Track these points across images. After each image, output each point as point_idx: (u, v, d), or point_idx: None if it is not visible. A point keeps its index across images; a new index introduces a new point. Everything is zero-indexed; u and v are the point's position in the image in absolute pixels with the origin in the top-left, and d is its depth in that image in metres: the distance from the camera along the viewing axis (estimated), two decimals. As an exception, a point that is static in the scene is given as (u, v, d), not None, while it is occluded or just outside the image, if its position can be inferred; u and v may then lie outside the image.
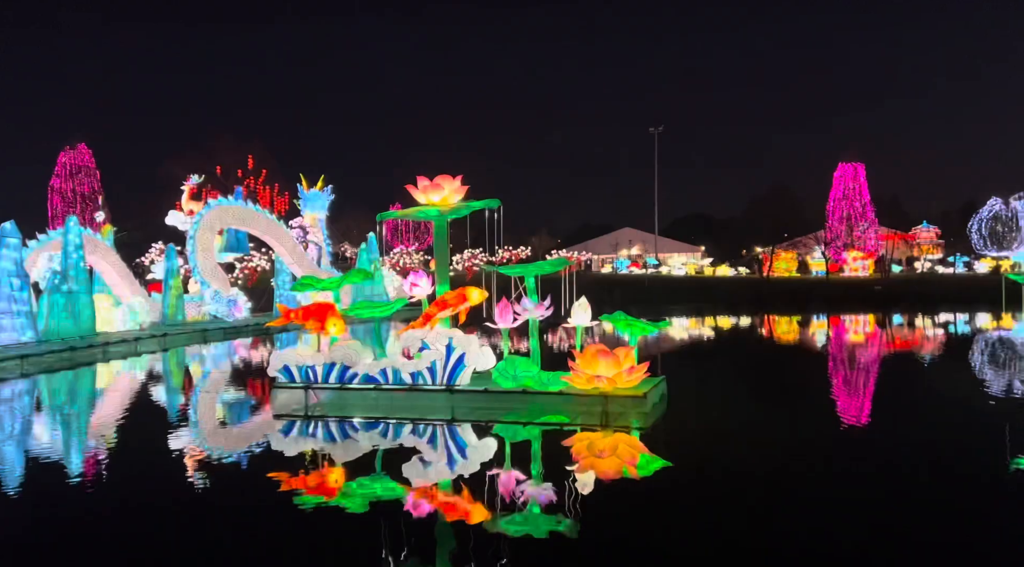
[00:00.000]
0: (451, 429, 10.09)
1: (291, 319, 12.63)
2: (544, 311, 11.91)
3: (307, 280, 13.49)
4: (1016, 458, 7.94)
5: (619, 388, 10.42)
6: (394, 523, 6.10)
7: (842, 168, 63.52)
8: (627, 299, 43.18)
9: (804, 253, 64.61)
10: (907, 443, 9.13)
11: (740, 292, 51.81)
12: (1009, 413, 11.01)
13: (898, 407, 12.08)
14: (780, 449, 8.83)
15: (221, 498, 7.17)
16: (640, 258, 68.98)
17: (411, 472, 7.76)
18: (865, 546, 5.56)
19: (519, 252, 57.61)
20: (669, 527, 6.08)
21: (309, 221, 38.29)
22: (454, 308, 11.65)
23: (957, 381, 14.62)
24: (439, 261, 13.34)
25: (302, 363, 11.94)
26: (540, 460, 8.35)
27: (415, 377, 11.46)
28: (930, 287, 50.17)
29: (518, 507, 6.53)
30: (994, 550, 5.47)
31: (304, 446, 9.40)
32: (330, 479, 7.77)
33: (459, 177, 12.69)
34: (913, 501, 6.62)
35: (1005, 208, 59.36)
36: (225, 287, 30.65)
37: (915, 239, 68.88)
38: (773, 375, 17.00)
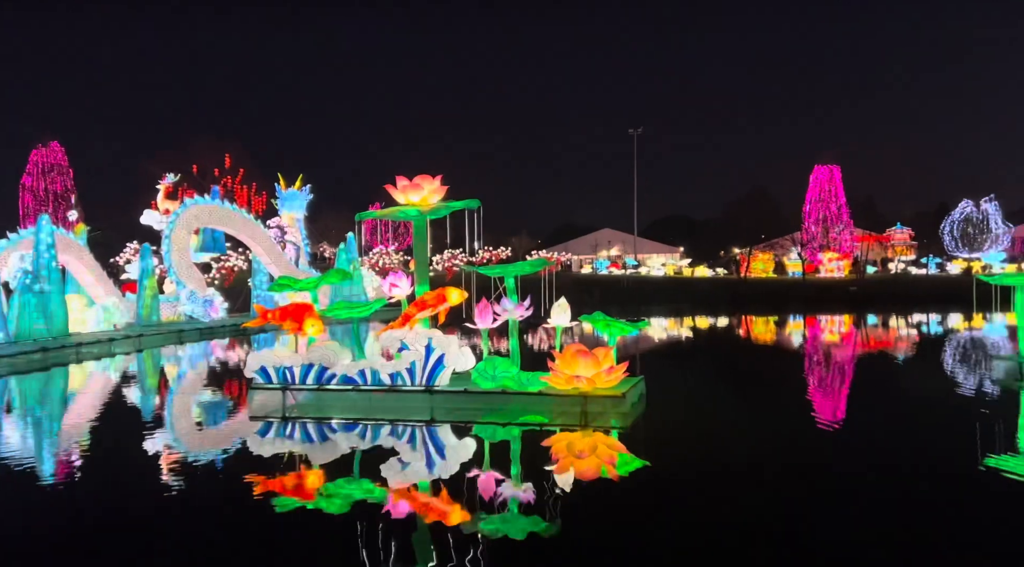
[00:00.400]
0: (430, 430, 10.06)
1: (268, 320, 12.51)
2: (524, 311, 11.92)
3: (285, 280, 13.37)
4: (986, 457, 8.08)
5: (598, 388, 10.46)
6: (373, 525, 6.06)
7: (818, 170, 64.31)
8: (607, 299, 43.37)
9: (781, 254, 65.29)
10: (881, 441, 9.26)
11: (718, 293, 52.25)
12: (978, 411, 11.22)
13: (872, 406, 12.24)
14: (757, 448, 8.91)
15: (197, 501, 7.08)
16: (620, 258, 69.26)
17: (390, 473, 7.72)
18: (841, 543, 5.63)
19: (499, 252, 57.61)
20: (648, 526, 6.11)
21: (287, 221, 37.99)
22: (433, 309, 11.62)
23: (929, 380, 14.87)
24: (418, 261, 13.31)
25: (279, 364, 11.83)
26: (519, 460, 8.35)
27: (394, 378, 11.41)
28: (904, 288, 50.95)
29: (497, 508, 6.52)
30: (964, 546, 5.57)
31: (282, 448, 9.31)
32: (308, 481, 7.71)
33: (439, 177, 12.66)
34: (887, 498, 6.71)
35: (976, 210, 60.54)
36: (201, 287, 30.31)
37: (889, 240, 69.88)
38: (750, 375, 17.16)
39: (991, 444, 8.84)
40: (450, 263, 52.37)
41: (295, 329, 11.94)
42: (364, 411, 11.07)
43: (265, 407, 11.56)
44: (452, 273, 49.66)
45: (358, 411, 11.09)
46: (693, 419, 10.72)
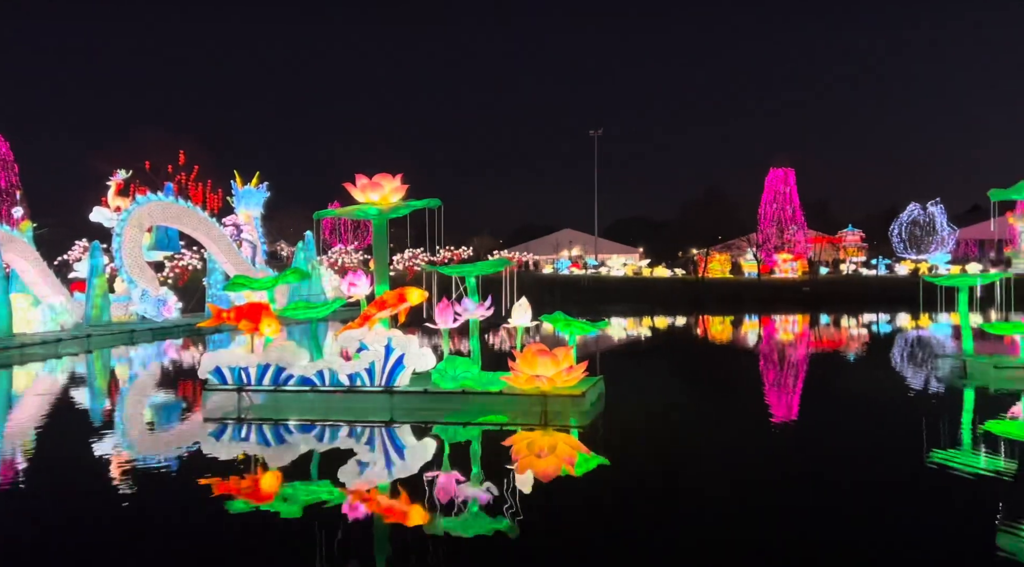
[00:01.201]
0: (389, 431, 9.98)
1: (224, 320, 12.26)
2: (485, 311, 11.92)
3: (240, 279, 13.13)
4: (932, 451, 8.35)
5: (558, 387, 10.51)
6: (331, 527, 5.99)
7: (773, 173, 65.68)
8: (567, 299, 43.60)
9: (737, 255, 66.50)
10: (832, 438, 9.51)
11: (676, 293, 52.99)
12: (925, 408, 11.60)
13: (824, 404, 12.56)
14: (713, 446, 9.07)
15: (149, 505, 6.90)
16: (580, 259, 69.73)
17: (348, 475, 7.64)
18: (796, 538, 5.76)
19: (460, 252, 57.47)
20: (606, 524, 6.16)
21: (243, 219, 37.28)
22: (393, 308, 11.54)
23: (879, 378, 15.32)
24: (378, 261, 13.20)
25: (235, 365, 11.61)
26: (479, 460, 8.34)
27: (353, 378, 11.30)
28: (855, 288, 52.38)
29: (457, 508, 6.50)
30: (912, 539, 5.75)
31: (237, 450, 9.15)
32: (264, 483, 7.58)
33: (399, 176, 12.58)
34: (839, 493, 6.89)
35: (923, 213, 62.56)
36: (154, 286, 29.56)
37: (841, 242, 71.73)
38: (707, 374, 17.45)
39: (936, 440, 9.15)
40: (411, 263, 52.07)
41: (251, 329, 11.73)
42: (322, 412, 10.93)
43: (220, 409, 11.33)
44: (413, 273, 49.38)
45: (316, 412, 10.95)
46: (650, 418, 10.85)
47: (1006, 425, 9.83)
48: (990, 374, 13.30)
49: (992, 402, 11.81)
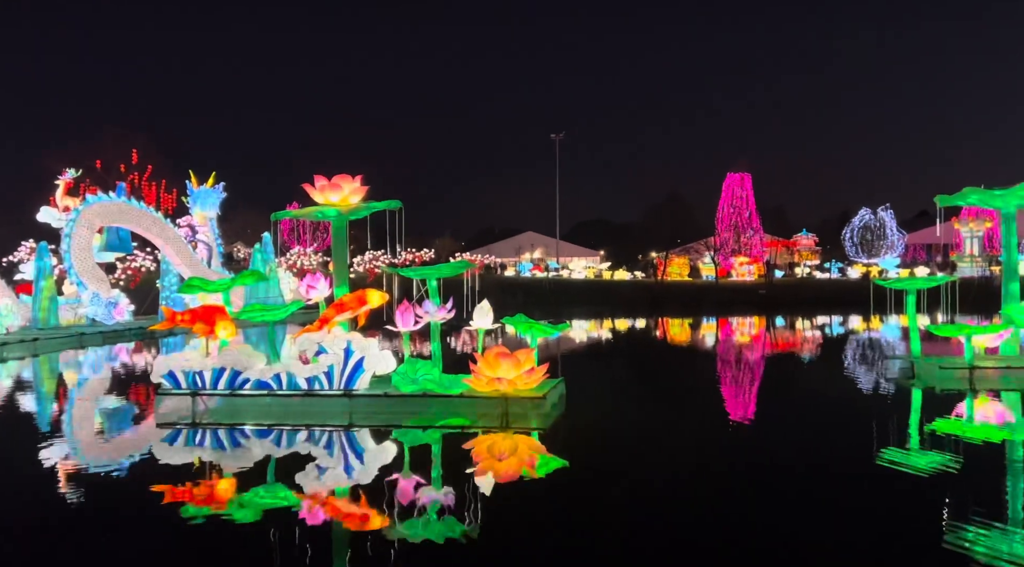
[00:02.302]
0: (348, 435, 9.87)
1: (177, 322, 11.99)
2: (446, 314, 11.88)
3: (195, 281, 12.86)
4: (881, 450, 8.59)
5: (519, 390, 10.52)
6: (288, 533, 5.89)
7: (730, 178, 66.88)
8: (529, 302, 43.71)
9: (695, 258, 67.52)
10: (787, 437, 9.71)
11: (637, 295, 53.54)
12: (875, 407, 11.93)
13: (779, 404, 12.83)
14: (673, 447, 9.18)
15: (99, 513, 6.70)
16: (542, 262, 69.99)
17: (306, 480, 7.53)
18: (755, 537, 5.87)
19: (422, 254, 57.17)
20: (567, 526, 6.18)
21: (199, 220, 36.51)
22: (353, 311, 11.42)
23: (831, 378, 15.70)
24: (337, 263, 13.06)
25: (189, 368, 11.36)
26: (440, 464, 8.31)
27: (311, 382, 11.14)
28: (809, 291, 53.56)
29: (417, 512, 6.46)
30: (862, 535, 5.90)
31: (191, 456, 8.94)
32: (219, 489, 7.42)
33: (359, 177, 12.47)
34: (794, 490, 7.03)
35: (874, 218, 64.40)
36: (104, 288, 28.75)
37: (796, 246, 73.39)
38: (667, 375, 17.66)
39: (885, 439, 9.41)
40: (371, 265, 51.60)
41: (206, 332, 11.49)
42: (279, 417, 10.76)
43: (174, 413, 11.07)
44: (373, 275, 48.95)
45: (273, 417, 10.77)
46: (611, 419, 10.93)
47: (951, 424, 10.17)
48: (936, 375, 13.74)
49: (938, 401, 12.19)
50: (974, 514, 6.13)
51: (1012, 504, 6.68)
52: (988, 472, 7.86)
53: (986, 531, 5.78)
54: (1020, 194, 14.75)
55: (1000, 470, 8.01)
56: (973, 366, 13.36)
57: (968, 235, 58.35)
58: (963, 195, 15.47)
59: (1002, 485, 7.35)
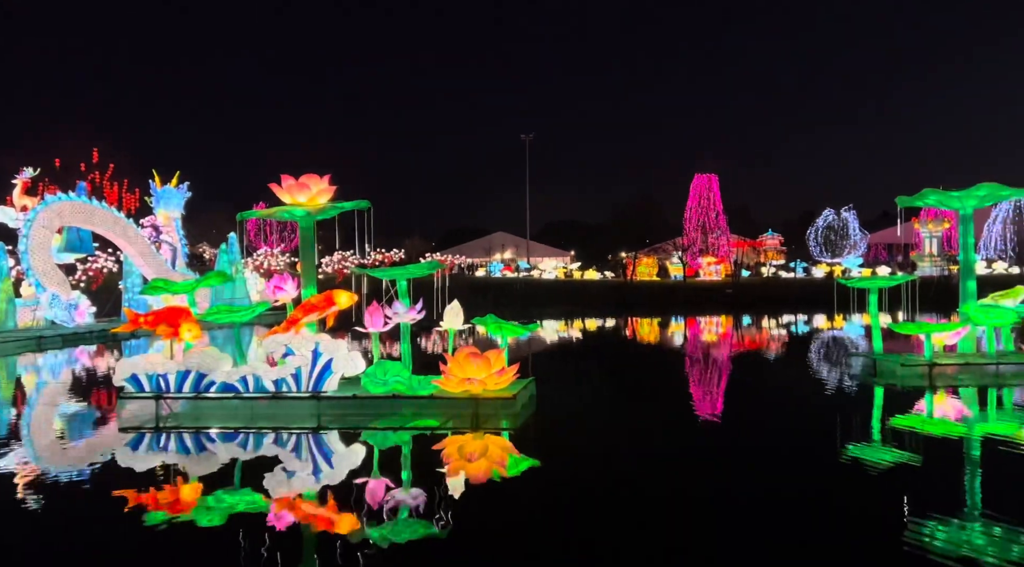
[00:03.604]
0: (317, 437, 9.77)
1: (141, 325, 11.75)
2: (416, 315, 11.83)
3: (159, 283, 12.62)
4: (844, 445, 8.77)
5: (489, 390, 10.52)
6: (255, 537, 5.81)
7: (698, 179, 67.64)
8: (500, 302, 43.74)
9: (664, 258, 68.18)
10: (754, 433, 9.85)
11: (606, 295, 53.89)
12: (838, 404, 12.16)
13: (746, 401, 13.01)
14: (642, 445, 9.26)
15: (59, 519, 6.54)
16: (513, 262, 70.05)
17: (273, 483, 7.44)
18: (721, 532, 5.94)
19: (391, 255, 56.82)
20: (537, 525, 6.20)
21: (163, 220, 35.86)
22: (321, 312, 11.31)
23: (796, 376, 15.97)
24: (305, 263, 12.93)
25: (153, 371, 11.14)
26: (410, 465, 8.26)
27: (278, 384, 11.01)
28: (774, 290, 54.44)
29: (387, 514, 6.42)
30: (828, 528, 6.01)
31: (155, 460, 8.77)
32: (184, 494, 7.29)
33: (327, 177, 12.36)
34: (763, 488, 7.14)
35: (837, 218, 65.64)
36: (64, 290, 28.07)
37: (762, 246, 74.53)
38: (636, 374, 17.80)
39: (848, 434, 9.60)
40: (340, 265, 51.15)
41: (170, 334, 11.29)
42: (246, 419, 10.61)
43: (137, 417, 10.86)
44: (342, 275, 48.51)
45: (239, 420, 10.62)
46: (581, 418, 10.98)
47: (912, 420, 10.41)
48: (898, 372, 14.06)
49: (900, 398, 12.48)
50: (933, 507, 6.28)
51: (969, 497, 6.87)
52: (946, 466, 8.07)
53: (944, 523, 5.93)
54: (976, 195, 15.18)
55: (958, 464, 8.23)
56: (933, 363, 13.70)
57: (927, 235, 59.82)
58: (922, 196, 15.86)
59: (960, 479, 7.55)
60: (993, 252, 60.53)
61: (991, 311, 14.46)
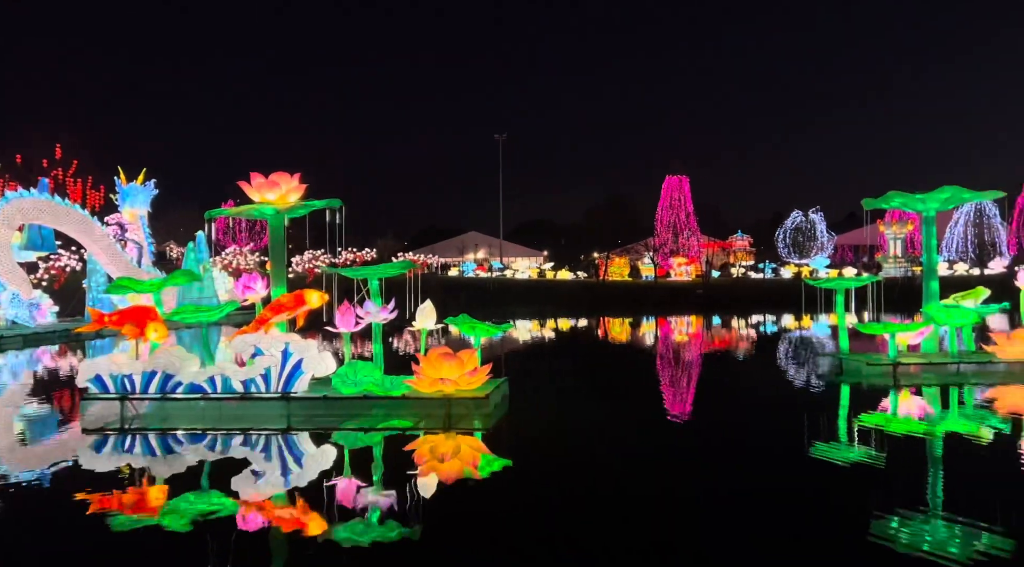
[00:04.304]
0: (287, 438, 9.65)
1: (105, 324, 11.51)
2: (388, 314, 11.75)
3: (124, 282, 12.38)
4: (812, 443, 8.91)
5: (462, 390, 10.49)
6: (223, 540, 5.72)
7: (669, 180, 68.23)
8: (473, 302, 43.67)
9: (635, 259, 68.65)
10: (724, 432, 9.96)
11: (579, 295, 54.08)
12: (805, 402, 12.35)
13: (716, 400, 13.16)
14: (614, 444, 9.30)
15: (20, 524, 6.36)
16: (486, 262, 70.01)
17: (242, 485, 7.34)
18: (690, 530, 5.99)
19: (363, 254, 56.40)
20: (509, 525, 6.19)
21: (128, 218, 35.12)
22: (291, 311, 11.18)
23: (765, 375, 16.19)
24: (275, 262, 12.77)
25: (117, 372, 10.91)
26: (382, 466, 8.21)
27: (247, 385, 10.86)
28: (744, 291, 55.13)
29: (358, 516, 6.37)
30: (795, 525, 6.10)
31: (120, 462, 8.59)
32: (150, 497, 7.15)
33: (297, 175, 12.22)
34: (732, 487, 7.22)
35: (805, 220, 66.72)
36: (26, 289, 27.36)
37: (731, 247, 75.46)
38: (609, 374, 17.89)
39: (816, 432, 9.76)
40: (311, 265, 50.63)
41: (136, 334, 11.07)
42: (214, 421, 10.45)
43: (101, 419, 10.63)
44: (313, 275, 48.01)
45: (207, 421, 10.45)
46: (553, 418, 11.00)
47: (877, 418, 10.61)
48: (863, 371, 14.32)
49: (865, 396, 12.71)
50: (897, 503, 6.41)
51: (932, 494, 7.02)
52: (910, 463, 8.24)
53: (908, 519, 6.05)
54: (939, 198, 15.51)
55: (921, 461, 8.40)
56: (897, 363, 13.98)
57: (892, 237, 61.03)
58: (887, 198, 16.16)
59: (923, 476, 7.71)
60: (955, 254, 62.05)
61: (953, 311, 14.80)
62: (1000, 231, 61.71)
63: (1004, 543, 5.51)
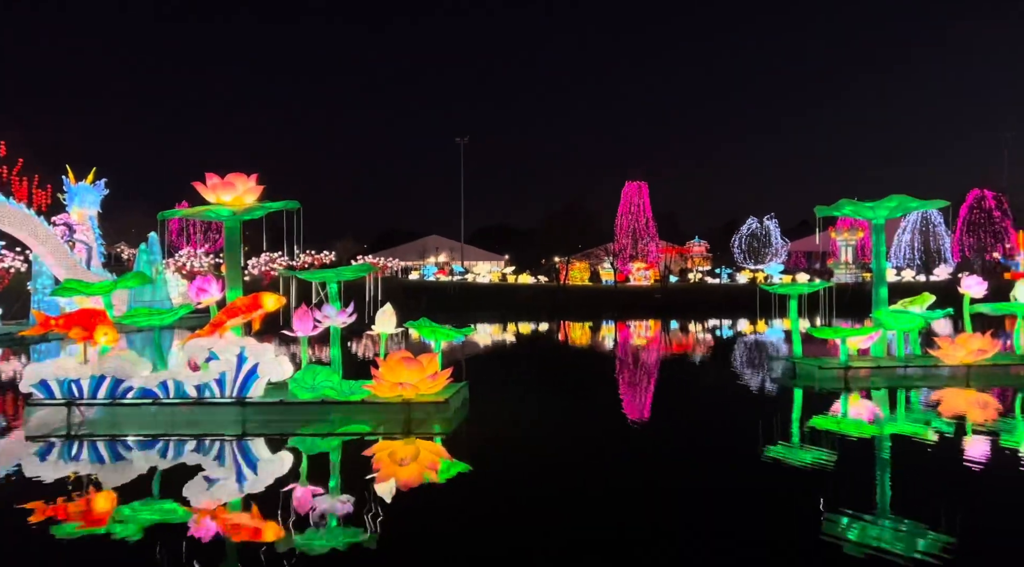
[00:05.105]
0: (241, 444, 9.47)
1: (52, 327, 11.13)
2: (347, 318, 11.62)
3: (72, 283, 12.01)
4: (765, 446, 9.09)
5: (422, 394, 10.42)
6: (174, 549, 5.58)
7: (629, 186, 69.02)
8: (434, 306, 43.47)
9: (596, 263, 69.22)
10: (680, 434, 10.10)
11: (540, 299, 54.28)
12: (760, 405, 12.60)
13: (673, 403, 13.32)
14: (573, 448, 9.34)
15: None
16: (447, 265, 69.79)
17: (194, 492, 7.17)
18: (655, 530, 6.06)
19: (322, 257, 55.69)
20: (469, 530, 6.17)
21: (77, 218, 34.10)
22: (246, 315, 10.98)
23: (721, 378, 16.46)
24: (230, 265, 12.52)
25: (64, 376, 10.58)
26: (339, 472, 8.10)
27: (201, 390, 10.62)
28: (701, 296, 55.99)
29: (314, 522, 6.27)
30: (750, 525, 6.21)
31: (66, 470, 8.32)
32: (98, 505, 6.94)
33: (254, 176, 12.02)
34: (683, 486, 7.32)
35: (760, 226, 68.16)
36: (-34, 291, 26.33)
37: (689, 252, 76.67)
38: (568, 378, 17.98)
39: (769, 435, 9.96)
40: (267, 267, 49.77)
41: (84, 337, 10.74)
42: (166, 426, 10.19)
43: (46, 425, 10.28)
44: (270, 278, 47.21)
45: (159, 427, 10.19)
46: (513, 422, 11.01)
47: (828, 420, 10.88)
48: (816, 375, 14.66)
49: (817, 399, 13.01)
50: (847, 502, 6.58)
51: (880, 493, 7.22)
52: (859, 464, 8.46)
53: (857, 518, 6.22)
54: (888, 206, 16.00)
55: (870, 462, 8.64)
56: (847, 366, 14.35)
57: (843, 244, 62.71)
58: (839, 206, 16.60)
59: (871, 476, 7.93)
60: (902, 261, 64.08)
61: (900, 316, 15.26)
62: (945, 239, 63.96)
63: (947, 540, 5.70)
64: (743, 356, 21.77)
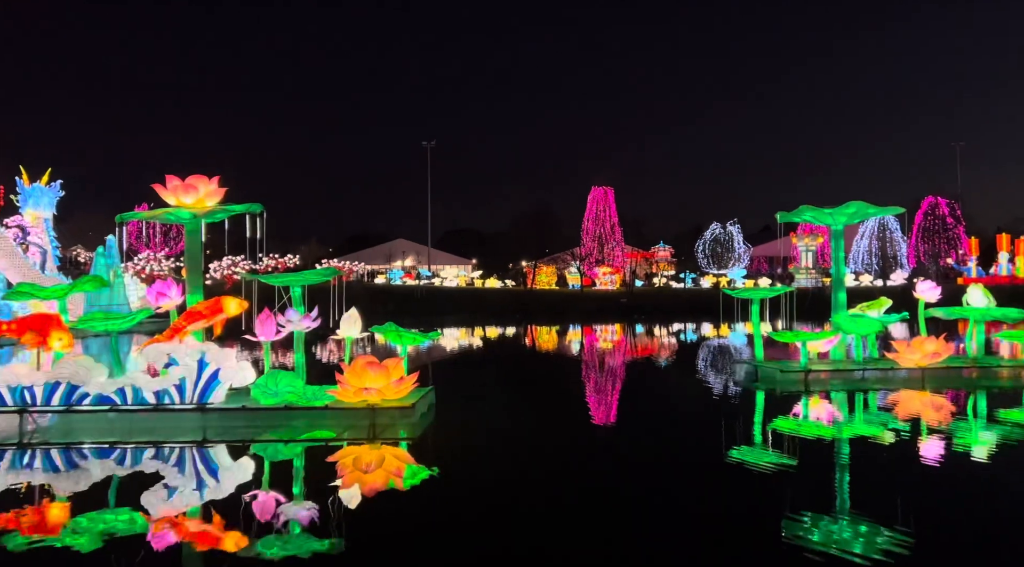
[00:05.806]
0: (202, 451, 9.29)
1: (3, 333, 10.81)
2: (311, 323, 11.49)
3: (25, 287, 11.69)
4: (730, 446, 9.21)
5: (387, 399, 10.34)
6: (131, 559, 5.44)
7: (595, 191, 69.52)
8: (401, 310, 43.22)
9: (562, 268, 69.54)
10: (645, 438, 10.19)
11: (507, 303, 54.29)
12: (723, 408, 12.77)
13: (638, 407, 13.44)
14: (539, 452, 9.36)
15: None
16: (414, 269, 69.43)
17: (152, 501, 7.01)
18: (619, 533, 6.09)
19: (285, 260, 54.97)
20: (435, 536, 6.14)
21: (31, 220, 33.20)
22: (208, 320, 10.79)
23: (685, 382, 16.65)
24: (191, 269, 12.31)
25: (16, 383, 10.26)
26: (302, 479, 8.00)
27: (160, 396, 10.40)
28: (666, 300, 56.58)
29: (277, 530, 6.18)
30: (715, 525, 6.29)
31: (17, 479, 8.06)
32: (51, 515, 6.74)
33: (216, 178, 11.83)
34: (648, 489, 7.38)
35: (723, 232, 69.20)
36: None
37: (654, 257, 77.48)
38: (535, 382, 18.01)
39: (732, 437, 10.10)
40: (229, 271, 48.96)
41: (38, 342, 10.44)
42: (124, 433, 9.95)
43: (-4, 434, 9.95)
44: (232, 282, 46.44)
45: (116, 434, 9.95)
46: (480, 428, 10.99)
47: (789, 422, 11.08)
48: (777, 378, 14.92)
49: (778, 402, 13.24)
50: (806, 504, 6.70)
51: (839, 494, 7.37)
52: (818, 465, 8.63)
53: (817, 519, 6.34)
54: (846, 212, 16.37)
55: (829, 463, 8.81)
56: (808, 370, 14.63)
57: (804, 249, 63.95)
58: (799, 212, 16.94)
59: (831, 477, 8.09)
60: (861, 266, 65.60)
61: (859, 321, 15.61)
62: (901, 245, 65.65)
63: (904, 539, 5.84)
64: (707, 359, 22.05)
